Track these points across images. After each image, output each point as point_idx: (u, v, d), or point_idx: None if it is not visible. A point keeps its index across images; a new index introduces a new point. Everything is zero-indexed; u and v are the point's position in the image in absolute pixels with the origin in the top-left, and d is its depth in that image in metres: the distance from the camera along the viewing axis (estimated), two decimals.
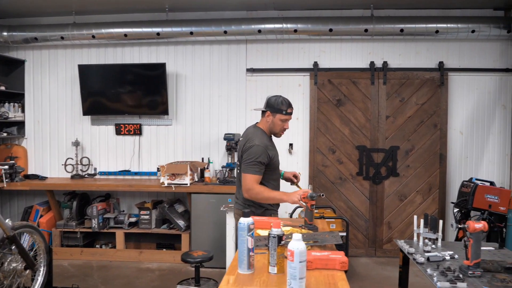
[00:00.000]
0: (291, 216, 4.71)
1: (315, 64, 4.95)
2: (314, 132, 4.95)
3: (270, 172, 2.78)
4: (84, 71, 5.04)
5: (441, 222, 2.46)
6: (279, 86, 5.05)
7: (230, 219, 3.71)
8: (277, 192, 2.73)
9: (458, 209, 4.56)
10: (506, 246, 4.47)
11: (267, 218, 2.64)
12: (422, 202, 4.90)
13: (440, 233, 2.46)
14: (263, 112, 2.79)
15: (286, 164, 5.05)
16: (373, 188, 4.92)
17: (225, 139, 4.74)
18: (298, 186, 2.85)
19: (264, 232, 2.46)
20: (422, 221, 2.55)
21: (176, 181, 4.56)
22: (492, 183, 4.51)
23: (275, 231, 1.75)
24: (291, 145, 5.04)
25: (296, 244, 1.57)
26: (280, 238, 1.75)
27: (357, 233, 4.94)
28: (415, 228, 2.57)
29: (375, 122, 4.90)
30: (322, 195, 2.53)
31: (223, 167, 4.84)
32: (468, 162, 4.96)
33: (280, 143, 5.18)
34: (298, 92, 5.04)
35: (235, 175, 3.06)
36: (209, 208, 4.51)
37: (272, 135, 2.85)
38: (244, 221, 1.79)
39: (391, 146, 4.89)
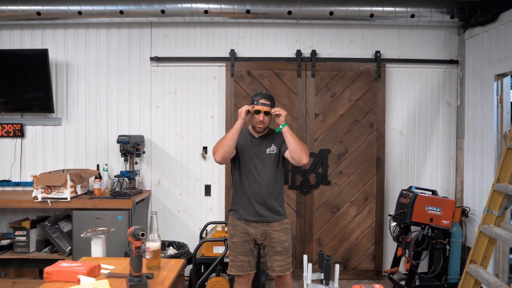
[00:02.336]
0: (201, 234, 3.81)
1: (232, 52, 4.05)
2: None
3: (239, 165, 2.73)
4: None
5: (337, 267, 1.59)
6: (191, 78, 4.13)
7: (97, 248, 2.73)
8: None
9: (396, 223, 3.79)
10: (449, 264, 3.74)
11: (81, 264, 1.70)
12: (357, 215, 4.09)
13: (336, 284, 1.58)
14: None
15: (200, 171, 4.13)
16: (301, 198, 4.07)
17: (118, 142, 3.77)
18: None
19: None
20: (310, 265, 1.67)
21: (52, 195, 3.55)
22: (434, 192, 3.75)
23: None
24: (205, 148, 4.12)
25: None
26: None
27: None
28: (304, 273, 1.69)
29: (302, 121, 4.05)
30: (143, 234, 1.62)
31: (116, 176, 3.86)
32: (409, 167, 4.19)
33: (191, 146, 4.28)
34: (213, 86, 4.13)
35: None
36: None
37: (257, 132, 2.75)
38: None
39: (321, 149, 4.06)
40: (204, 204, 4.14)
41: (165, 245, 3.56)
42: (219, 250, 3.26)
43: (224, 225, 3.75)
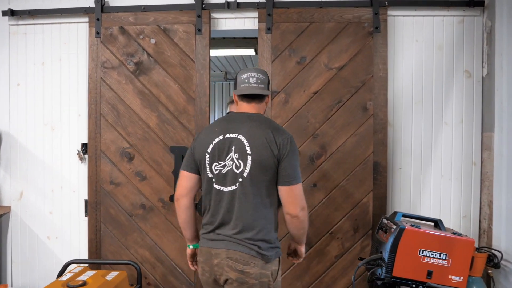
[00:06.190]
0: (61, 274, 2.38)
1: None
2: (96, 122, 2.55)
3: None
4: None
5: None
6: (64, 42, 2.68)
7: None
8: None
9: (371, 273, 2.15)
10: None
11: None
12: (341, 254, 2.44)
13: None
14: (261, 97, 1.70)
15: (77, 179, 2.71)
16: None
17: None
18: None
19: None
20: None
21: None
22: (438, 223, 2.09)
23: None
24: (84, 145, 2.66)
25: None
26: None
27: None
28: None
29: None
30: None
31: None
32: (401, 177, 2.50)
33: (65, 142, 2.52)
34: (82, 50, 2.65)
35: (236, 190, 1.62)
36: None
37: None
38: None
39: None
40: (83, 228, 2.67)
41: None
42: None
43: (87, 265, 2.29)
